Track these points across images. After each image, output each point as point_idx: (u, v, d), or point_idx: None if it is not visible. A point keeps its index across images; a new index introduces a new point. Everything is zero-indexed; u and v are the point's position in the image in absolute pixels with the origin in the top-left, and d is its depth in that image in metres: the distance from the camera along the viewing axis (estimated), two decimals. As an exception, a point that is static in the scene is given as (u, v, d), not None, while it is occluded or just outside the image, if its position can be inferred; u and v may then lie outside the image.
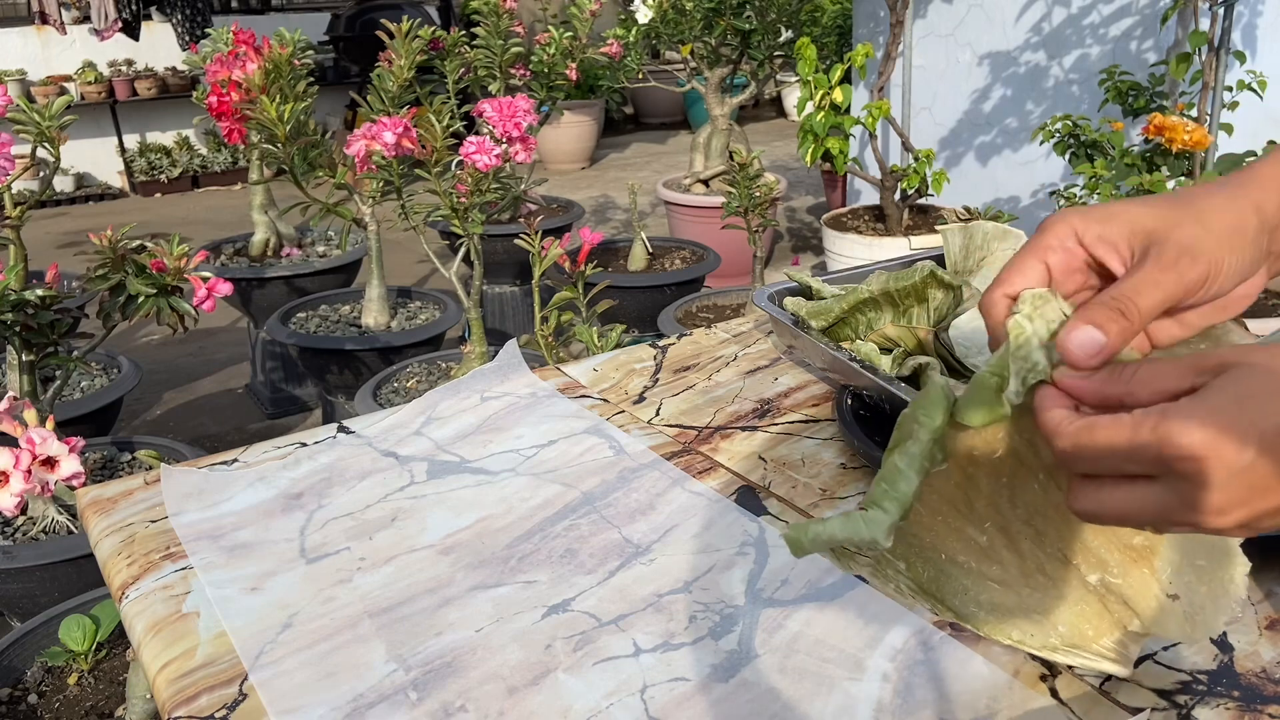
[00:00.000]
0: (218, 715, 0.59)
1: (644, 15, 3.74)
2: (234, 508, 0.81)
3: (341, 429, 0.94)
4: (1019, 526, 0.53)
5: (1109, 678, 0.59)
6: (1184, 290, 0.45)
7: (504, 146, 1.68)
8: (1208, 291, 0.45)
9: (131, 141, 6.27)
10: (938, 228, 1.03)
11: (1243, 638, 0.62)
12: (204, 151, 6.32)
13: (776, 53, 3.98)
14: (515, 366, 1.04)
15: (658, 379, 1.03)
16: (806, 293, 1.02)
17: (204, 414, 3.15)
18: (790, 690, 0.59)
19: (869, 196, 4.10)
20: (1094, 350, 0.43)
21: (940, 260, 1.01)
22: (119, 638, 1.40)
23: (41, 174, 4.40)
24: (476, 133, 1.71)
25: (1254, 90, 2.54)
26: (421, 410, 0.97)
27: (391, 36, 2.12)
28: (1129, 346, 0.45)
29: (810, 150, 3.00)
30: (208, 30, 3.56)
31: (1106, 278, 0.47)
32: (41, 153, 1.73)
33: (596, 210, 5.37)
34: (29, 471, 1.15)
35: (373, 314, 2.71)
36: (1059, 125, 2.54)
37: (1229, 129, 2.61)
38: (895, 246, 3.25)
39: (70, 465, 1.17)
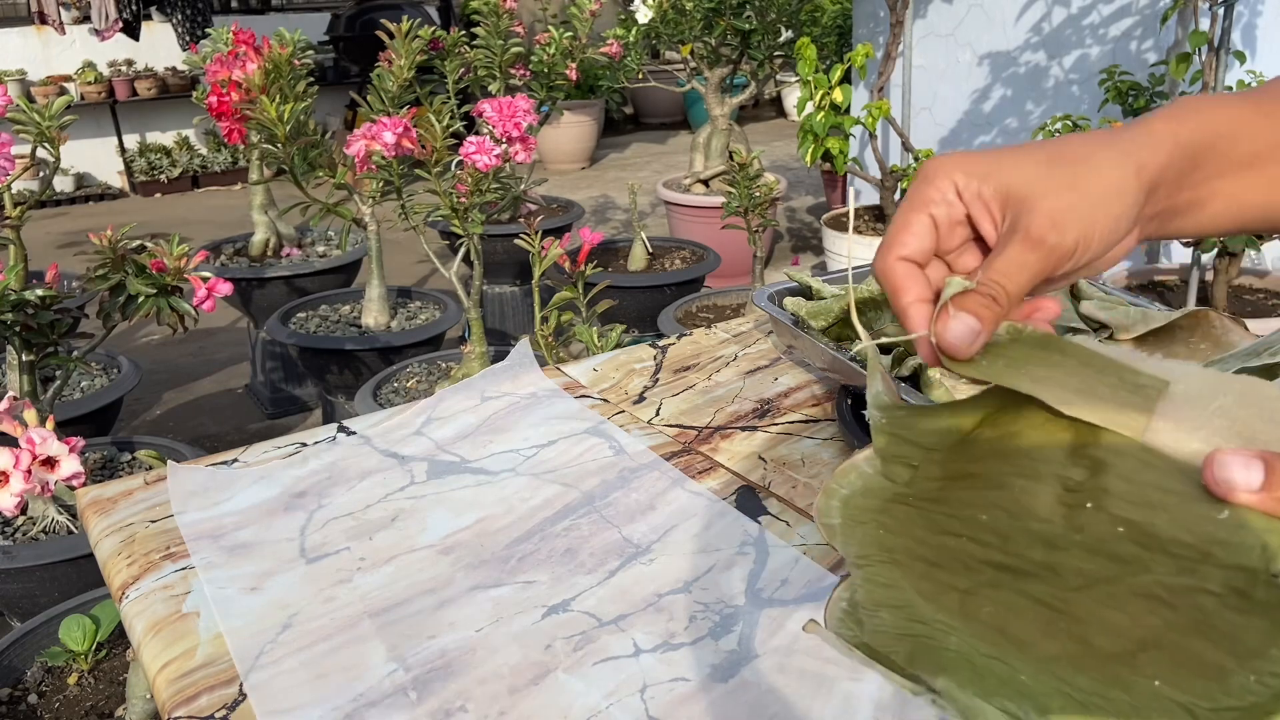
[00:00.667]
0: (218, 715, 0.59)
1: (644, 15, 3.74)
2: (235, 507, 0.81)
3: (342, 429, 0.94)
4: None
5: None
6: (1053, 265, 0.43)
7: (504, 146, 1.68)
8: (1078, 261, 0.44)
9: (131, 141, 6.27)
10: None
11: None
12: (204, 151, 6.32)
13: (776, 53, 3.99)
14: (527, 366, 1.04)
15: (658, 379, 1.03)
16: (806, 293, 1.02)
17: (204, 414, 3.15)
18: (790, 690, 0.59)
19: (869, 196, 4.10)
20: (971, 339, 0.42)
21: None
22: (119, 638, 1.40)
23: (41, 174, 4.40)
24: (476, 133, 1.71)
25: (1254, 90, 2.54)
26: (422, 410, 0.97)
27: (391, 36, 2.12)
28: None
29: (810, 150, 2.99)
30: (208, 30, 3.56)
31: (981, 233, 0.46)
32: (41, 153, 1.73)
33: (596, 210, 5.37)
34: (29, 471, 1.15)
35: (373, 314, 2.71)
36: (1059, 125, 2.54)
37: (1229, 129, 2.61)
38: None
39: (70, 465, 1.17)
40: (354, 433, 0.93)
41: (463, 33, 2.67)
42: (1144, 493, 0.39)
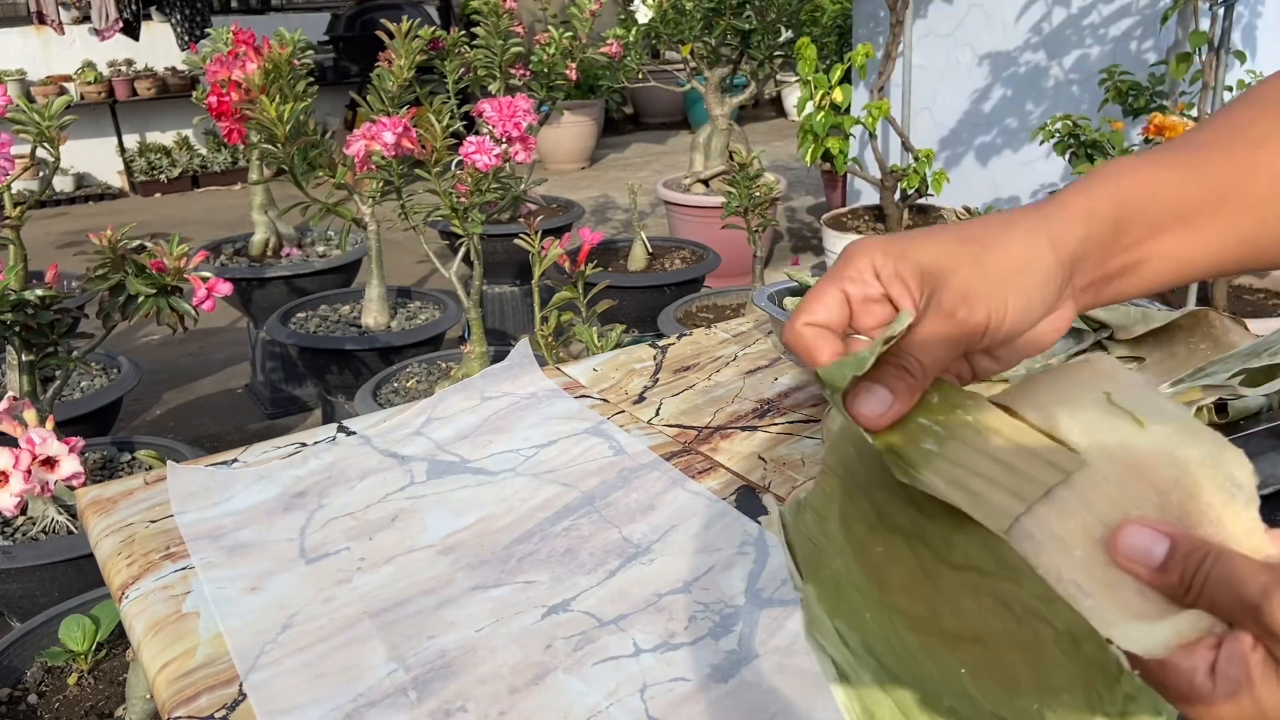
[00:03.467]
0: (217, 715, 0.59)
1: (644, 15, 3.74)
2: (235, 507, 0.81)
3: (341, 429, 0.94)
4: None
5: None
6: (965, 338, 0.43)
7: (504, 146, 1.68)
8: (993, 336, 0.44)
9: (131, 141, 6.27)
10: (938, 228, 1.03)
11: (1243, 638, 0.62)
12: (204, 151, 6.32)
13: (776, 53, 3.99)
14: (527, 366, 1.04)
15: (658, 379, 1.03)
16: (806, 293, 1.02)
17: (204, 414, 3.15)
18: (790, 690, 0.59)
19: (869, 196, 4.09)
20: (883, 410, 0.43)
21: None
22: (119, 638, 1.40)
23: (41, 174, 4.40)
24: (476, 133, 1.71)
25: (1254, 90, 2.54)
26: (422, 410, 0.97)
27: (391, 36, 2.12)
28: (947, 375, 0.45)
29: (810, 150, 2.99)
30: (207, 30, 3.56)
31: None
32: (41, 153, 1.73)
33: (596, 210, 5.37)
34: (29, 471, 1.15)
35: (373, 314, 2.71)
36: (1059, 125, 2.54)
37: (1229, 129, 2.61)
38: (895, 246, 3.24)
39: (70, 465, 1.17)
40: (354, 433, 0.93)
41: (463, 33, 2.67)
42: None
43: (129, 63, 6.23)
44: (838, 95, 2.95)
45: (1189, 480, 0.38)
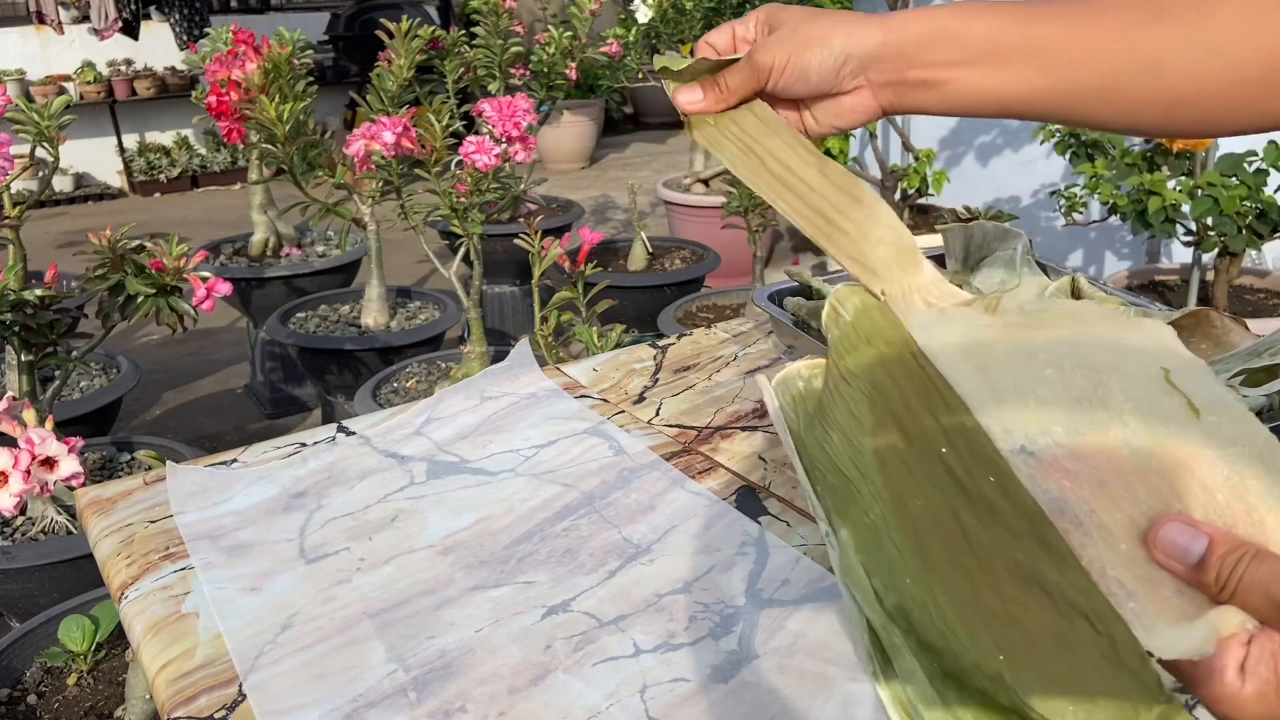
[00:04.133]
0: (217, 716, 0.59)
1: (644, 15, 3.74)
2: (234, 507, 0.81)
3: (341, 429, 0.94)
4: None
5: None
6: (757, 77, 0.59)
7: (504, 146, 1.68)
8: (776, 83, 0.59)
9: (131, 141, 6.27)
10: (938, 227, 1.03)
11: (1244, 638, 0.61)
12: (203, 151, 6.31)
13: (777, 53, 3.98)
14: (527, 366, 1.04)
15: (658, 379, 1.03)
16: (806, 292, 1.02)
17: (204, 414, 3.15)
18: (790, 691, 0.59)
19: (869, 196, 4.09)
20: (697, 107, 0.62)
21: (941, 260, 1.01)
22: (119, 638, 1.40)
23: (41, 174, 4.40)
24: (476, 132, 1.71)
25: (1254, 90, 2.54)
26: (422, 410, 0.97)
27: (391, 36, 2.12)
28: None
29: (810, 150, 2.99)
30: (206, 30, 3.56)
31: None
32: (40, 152, 1.73)
33: (596, 210, 5.36)
34: (28, 472, 1.15)
35: (372, 314, 2.70)
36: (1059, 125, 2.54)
37: (1229, 129, 2.60)
38: (895, 246, 3.24)
39: (69, 465, 1.17)
40: (354, 433, 0.93)
41: (462, 32, 2.67)
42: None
43: (128, 62, 6.22)
44: (838, 95, 2.94)
45: (1237, 479, 0.37)
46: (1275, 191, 2.19)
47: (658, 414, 0.95)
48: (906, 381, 0.44)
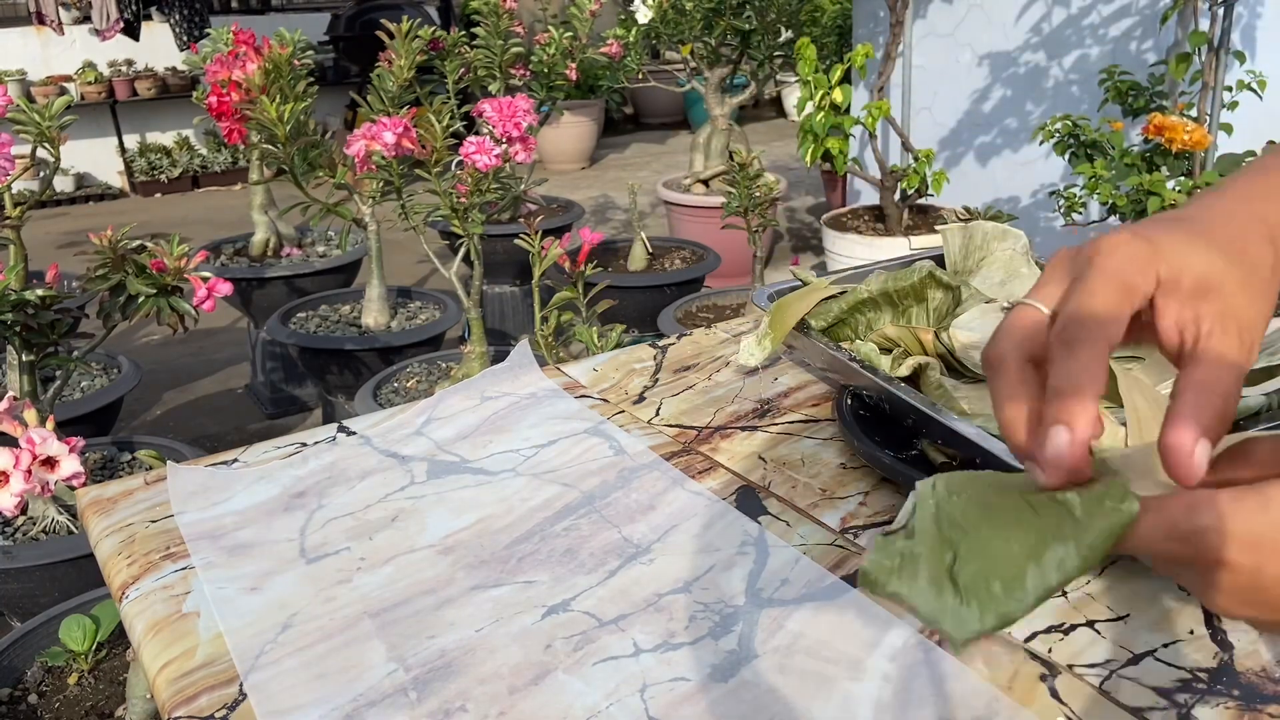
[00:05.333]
0: (218, 715, 0.59)
1: (644, 15, 3.74)
2: (235, 507, 0.81)
3: (342, 429, 0.94)
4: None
5: (1109, 676, 0.59)
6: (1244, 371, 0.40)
7: (504, 146, 1.68)
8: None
9: (131, 141, 6.27)
10: (937, 228, 1.03)
11: (1243, 637, 0.62)
12: (204, 151, 6.32)
13: (776, 53, 3.99)
14: (527, 366, 1.04)
15: (658, 379, 1.03)
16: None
17: (204, 414, 3.15)
18: (790, 690, 0.59)
19: (869, 196, 4.10)
20: (1204, 460, 0.37)
21: (940, 260, 1.01)
22: (119, 638, 1.40)
23: (41, 174, 4.40)
24: (476, 133, 1.71)
25: (1254, 90, 2.54)
26: (422, 410, 0.97)
27: (391, 36, 2.12)
28: None
29: (810, 150, 3.00)
30: (206, 31, 3.56)
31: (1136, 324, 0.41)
32: (41, 153, 1.73)
33: (596, 210, 5.37)
34: (29, 471, 1.15)
35: (373, 314, 2.71)
36: (1059, 125, 2.54)
37: (1229, 129, 2.61)
38: (895, 246, 3.25)
39: (70, 465, 1.17)
40: (354, 433, 0.93)
41: (463, 33, 2.67)
42: None
43: (129, 63, 6.23)
44: (838, 95, 2.95)
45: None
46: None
47: (658, 414, 0.95)
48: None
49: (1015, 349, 0.40)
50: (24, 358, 1.69)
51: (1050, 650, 0.62)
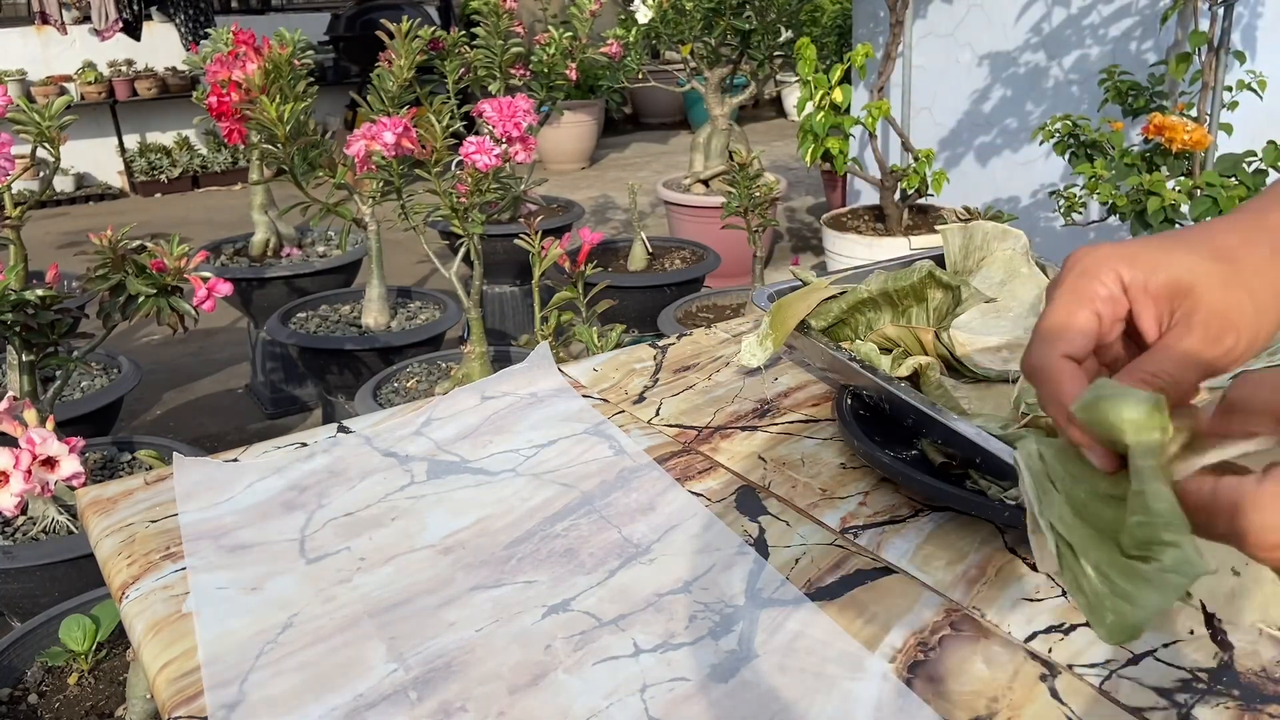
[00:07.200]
0: (218, 715, 0.59)
1: (644, 15, 3.74)
2: (235, 507, 0.81)
3: (342, 429, 0.94)
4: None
5: (1109, 676, 0.59)
6: (1224, 366, 0.42)
7: (504, 146, 1.68)
8: (1239, 362, 0.43)
9: (131, 141, 6.27)
10: (937, 228, 1.03)
11: (1243, 637, 0.62)
12: (204, 151, 6.32)
13: (776, 53, 3.99)
14: (545, 367, 1.04)
15: (658, 379, 1.03)
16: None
17: (204, 414, 3.15)
18: (790, 690, 0.59)
19: (869, 196, 4.09)
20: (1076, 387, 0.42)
21: (940, 260, 1.02)
22: (119, 638, 1.40)
23: (41, 174, 4.40)
24: (476, 133, 1.71)
25: (1254, 90, 2.54)
26: (423, 410, 0.97)
27: (391, 36, 2.12)
28: None
29: (810, 150, 2.99)
30: (209, 30, 3.56)
31: (1131, 331, 0.44)
32: (41, 153, 1.73)
33: (596, 210, 5.37)
34: (29, 471, 1.15)
35: (373, 314, 2.71)
36: (1059, 125, 2.54)
37: (1229, 129, 2.61)
38: (895, 246, 3.25)
39: (70, 465, 1.17)
40: (354, 433, 0.93)
41: (463, 33, 2.67)
42: None
43: (129, 63, 6.23)
44: (838, 95, 2.95)
45: None
46: (1275, 192, 2.19)
47: (658, 414, 0.95)
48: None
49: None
50: (24, 358, 1.69)
51: (1050, 650, 0.62)
